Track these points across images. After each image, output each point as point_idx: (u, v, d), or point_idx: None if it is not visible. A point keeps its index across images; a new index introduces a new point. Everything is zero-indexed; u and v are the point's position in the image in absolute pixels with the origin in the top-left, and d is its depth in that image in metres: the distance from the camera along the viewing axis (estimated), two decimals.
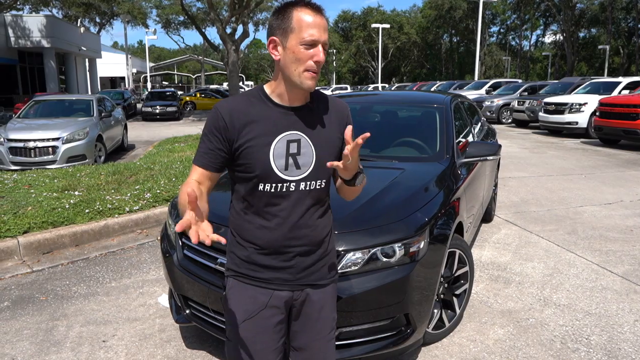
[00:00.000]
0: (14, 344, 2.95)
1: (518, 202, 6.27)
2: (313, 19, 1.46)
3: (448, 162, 3.42)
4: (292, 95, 1.54)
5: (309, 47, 1.46)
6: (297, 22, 1.46)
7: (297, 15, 1.46)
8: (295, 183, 1.54)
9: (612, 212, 5.74)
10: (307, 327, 1.67)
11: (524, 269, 4.04)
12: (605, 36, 53.05)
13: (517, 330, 3.04)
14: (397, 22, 64.65)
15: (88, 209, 5.04)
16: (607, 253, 4.38)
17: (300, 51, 1.46)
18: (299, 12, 1.46)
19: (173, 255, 2.82)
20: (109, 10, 37.78)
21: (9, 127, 9.07)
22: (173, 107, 22.02)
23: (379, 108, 4.52)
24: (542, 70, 69.61)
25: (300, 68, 1.47)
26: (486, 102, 18.54)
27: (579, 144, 12.34)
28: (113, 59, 47.04)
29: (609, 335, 2.98)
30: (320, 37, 1.46)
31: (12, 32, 25.89)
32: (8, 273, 4.05)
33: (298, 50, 1.46)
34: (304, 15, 1.46)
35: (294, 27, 1.46)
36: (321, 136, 1.57)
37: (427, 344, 2.86)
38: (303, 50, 1.46)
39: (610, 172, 8.27)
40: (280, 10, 1.50)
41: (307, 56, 1.46)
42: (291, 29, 1.46)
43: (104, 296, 3.62)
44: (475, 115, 5.22)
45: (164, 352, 2.84)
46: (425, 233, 2.55)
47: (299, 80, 1.48)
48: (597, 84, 14.75)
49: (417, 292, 2.45)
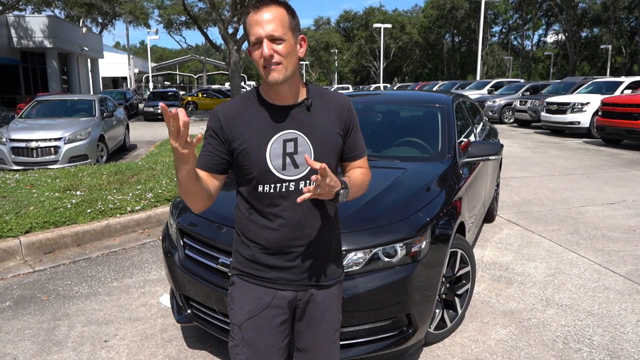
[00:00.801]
0: (16, 344, 2.95)
1: (520, 202, 6.26)
2: (253, 17, 1.46)
3: (450, 162, 3.42)
4: (274, 94, 1.54)
5: (258, 46, 1.46)
6: (247, 27, 1.48)
7: (247, 21, 1.48)
8: (294, 183, 1.53)
9: (614, 212, 5.72)
10: (311, 327, 1.67)
11: (526, 269, 4.03)
12: (607, 36, 52.94)
13: (519, 331, 3.03)
14: (399, 22, 64.56)
15: (90, 208, 5.04)
16: (610, 253, 4.37)
17: (253, 53, 1.48)
18: (248, 17, 1.48)
19: (174, 255, 2.82)
20: (111, 10, 37.85)
21: (11, 127, 9.09)
22: (175, 107, 22.02)
23: (381, 108, 4.52)
24: (544, 70, 69.51)
25: (260, 69, 1.48)
26: (488, 101, 18.50)
27: (581, 143, 12.31)
28: (115, 59, 47.13)
29: (611, 335, 2.97)
30: (262, 33, 1.44)
31: (14, 33, 25.97)
32: (10, 273, 4.06)
33: (252, 53, 1.49)
34: (249, 18, 1.47)
35: (247, 31, 1.49)
36: (319, 133, 1.56)
37: (428, 344, 2.85)
38: (254, 52, 1.47)
39: (613, 172, 8.25)
40: (242, 21, 1.55)
41: (258, 55, 1.46)
42: (246, 34, 1.50)
43: (105, 296, 3.62)
44: (477, 115, 5.21)
45: (165, 352, 2.84)
46: (427, 233, 2.54)
47: (265, 78, 1.49)
48: (599, 84, 14.72)
49: (418, 292, 2.45)
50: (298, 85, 1.56)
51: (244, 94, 1.61)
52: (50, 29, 26.42)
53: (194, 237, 2.71)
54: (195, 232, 2.69)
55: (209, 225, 2.63)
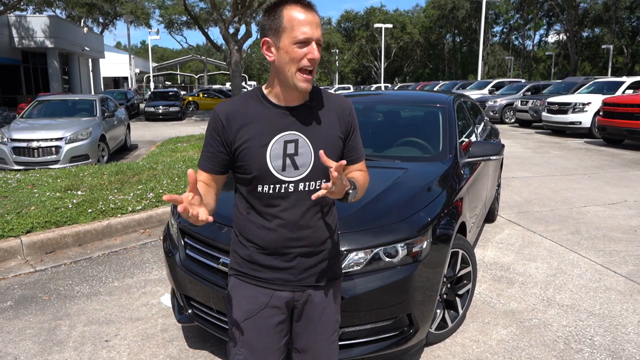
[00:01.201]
0: (17, 344, 2.95)
1: (521, 202, 6.25)
2: (305, 16, 1.42)
3: (451, 162, 3.41)
4: (289, 96, 1.52)
5: (302, 45, 1.43)
6: (288, 21, 1.42)
7: (287, 13, 1.43)
8: (293, 184, 1.52)
9: (615, 212, 5.71)
10: (309, 328, 1.66)
11: (527, 269, 4.03)
12: (608, 36, 52.89)
13: (520, 331, 3.02)
14: (400, 22, 64.51)
15: (91, 208, 5.04)
16: (611, 253, 4.36)
17: (294, 50, 1.43)
18: (290, 11, 1.43)
19: (175, 255, 2.82)
20: (112, 10, 37.88)
21: (12, 127, 9.10)
22: (176, 107, 22.06)
23: (381, 108, 4.52)
24: (545, 70, 69.43)
25: (294, 68, 1.44)
26: (489, 101, 18.48)
27: (582, 143, 12.30)
28: (116, 59, 47.15)
29: (612, 335, 2.96)
30: (313, 34, 1.43)
31: (15, 33, 26.00)
32: (11, 272, 4.06)
33: (292, 50, 1.43)
34: (294, 13, 1.42)
35: (285, 26, 1.43)
36: (320, 135, 1.55)
37: (429, 344, 2.85)
38: (297, 50, 1.43)
39: (614, 172, 8.24)
40: (271, 10, 1.47)
41: (301, 55, 1.43)
42: (283, 28, 1.43)
43: (106, 296, 3.62)
44: (479, 115, 5.21)
45: (166, 352, 2.84)
46: (428, 233, 2.54)
47: (292, 82, 1.46)
48: (600, 84, 14.70)
49: (419, 292, 2.45)
50: None
51: (246, 93, 1.59)
52: (52, 29, 26.45)
53: (194, 237, 2.71)
54: (196, 232, 2.69)
55: (210, 225, 2.63)
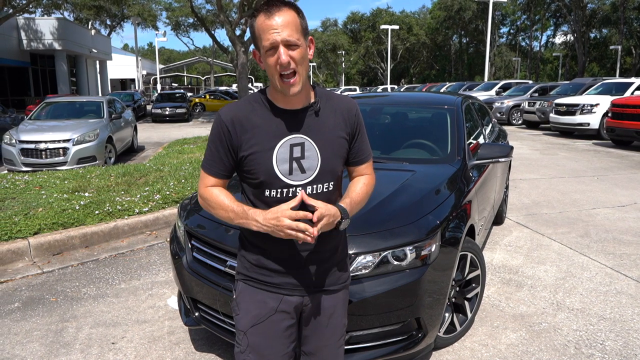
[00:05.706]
0: (24, 345, 2.95)
1: (529, 204, 6.20)
2: (267, 21, 1.40)
3: (459, 164, 3.38)
4: (289, 99, 1.51)
5: (272, 52, 1.41)
6: (257, 32, 1.42)
7: (256, 24, 1.42)
8: (301, 187, 1.51)
9: (625, 214, 5.65)
10: (317, 332, 1.65)
11: (536, 272, 3.98)
12: (617, 36, 52.49)
13: (530, 335, 2.99)
14: (406, 24, 64.42)
15: (98, 210, 5.05)
16: (621, 256, 4.31)
17: (267, 59, 1.43)
18: (257, 21, 1.42)
19: (182, 257, 2.81)
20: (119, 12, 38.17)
21: (20, 129, 9.16)
22: (182, 109, 22.12)
23: (389, 109, 4.49)
24: (553, 71, 69.11)
25: (276, 76, 1.43)
26: (496, 103, 18.39)
27: (590, 145, 12.20)
28: (123, 61, 47.43)
29: (624, 340, 2.92)
30: (276, 38, 1.39)
31: (24, 35, 26.23)
32: (19, 274, 4.07)
33: (265, 59, 1.43)
34: (259, 21, 1.41)
35: (257, 37, 1.43)
36: (326, 138, 1.53)
37: (438, 348, 2.82)
38: (269, 58, 1.42)
39: (623, 174, 8.16)
40: (249, 24, 1.48)
41: (273, 63, 1.41)
42: (257, 39, 1.44)
43: (113, 298, 3.62)
44: (486, 117, 5.17)
45: (172, 355, 2.83)
46: (437, 236, 2.51)
47: (281, 88, 1.45)
48: (609, 85, 14.58)
49: (428, 296, 2.42)
50: (308, 89, 1.54)
51: (250, 97, 1.58)
52: (60, 32, 26.66)
53: (201, 239, 2.69)
54: (203, 234, 2.68)
55: (217, 228, 2.62)
